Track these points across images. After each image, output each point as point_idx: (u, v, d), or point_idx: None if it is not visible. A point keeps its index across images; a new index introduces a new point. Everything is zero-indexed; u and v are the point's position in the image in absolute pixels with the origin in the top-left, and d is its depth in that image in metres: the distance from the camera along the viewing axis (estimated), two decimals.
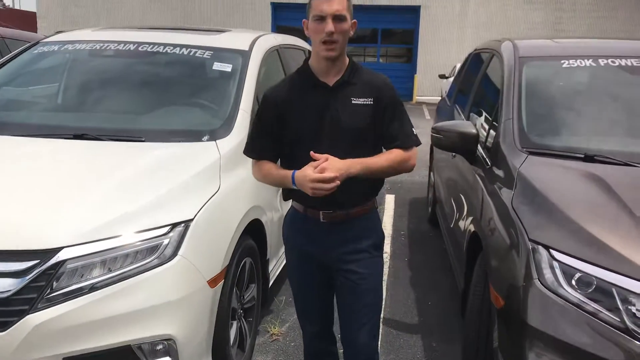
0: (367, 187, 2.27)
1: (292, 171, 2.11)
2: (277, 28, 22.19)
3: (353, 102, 2.16)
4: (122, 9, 23.26)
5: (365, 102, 2.16)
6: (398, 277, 4.46)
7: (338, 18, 2.07)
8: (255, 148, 2.29)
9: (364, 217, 2.29)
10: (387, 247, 5.05)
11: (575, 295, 2.10)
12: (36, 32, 18.28)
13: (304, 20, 2.17)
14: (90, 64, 3.75)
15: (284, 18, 22.57)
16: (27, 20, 28.58)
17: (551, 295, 2.13)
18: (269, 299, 3.75)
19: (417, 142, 2.26)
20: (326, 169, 2.01)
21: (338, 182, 2.02)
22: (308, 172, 2.03)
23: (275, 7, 22.74)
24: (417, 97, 21.59)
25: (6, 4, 42.69)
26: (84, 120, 3.28)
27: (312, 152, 2.05)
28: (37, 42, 3.90)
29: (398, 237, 5.42)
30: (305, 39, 2.23)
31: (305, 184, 2.03)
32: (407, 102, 20.10)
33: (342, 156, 2.07)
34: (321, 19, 2.06)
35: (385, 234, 5.33)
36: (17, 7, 46.87)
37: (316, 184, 2.01)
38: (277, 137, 2.22)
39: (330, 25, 2.05)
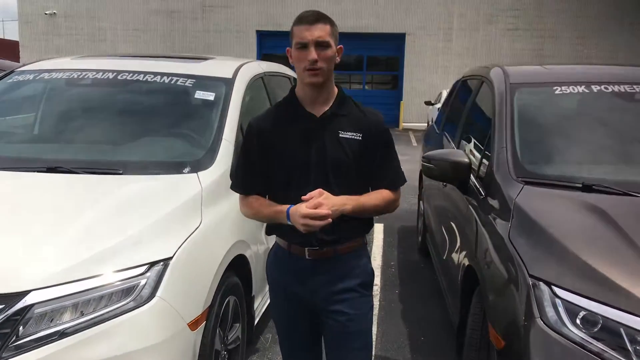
0: (358, 225, 2.15)
1: (287, 206, 1.99)
2: (263, 56, 22.25)
3: (341, 135, 2.06)
4: (106, 40, 23.23)
5: (353, 137, 2.07)
6: (389, 311, 4.30)
7: (321, 45, 1.98)
8: (243, 183, 2.16)
9: (353, 254, 2.16)
10: (377, 279, 4.90)
11: (580, 335, 1.97)
12: (19, 61, 18.14)
13: (287, 48, 2.07)
14: (66, 93, 3.61)
15: (269, 46, 22.66)
16: (10, 49, 28.46)
17: (554, 335, 2.00)
18: (255, 338, 3.58)
19: (405, 181, 2.21)
20: (321, 204, 1.92)
21: (330, 220, 1.92)
22: (301, 208, 1.93)
23: (261, 35, 22.83)
24: (403, 124, 21.67)
25: None
26: (59, 152, 3.12)
27: (303, 197, 1.95)
28: (12, 71, 3.76)
29: (388, 268, 5.28)
30: (292, 66, 2.10)
31: (297, 219, 1.93)
32: (394, 129, 20.14)
33: (330, 189, 1.98)
34: (303, 46, 1.98)
35: (375, 265, 5.26)
36: (1, 36, 46.86)
37: (307, 220, 1.91)
38: (264, 169, 2.10)
39: (312, 54, 1.96)
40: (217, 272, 2.61)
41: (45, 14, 23.52)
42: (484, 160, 3.20)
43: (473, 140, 3.78)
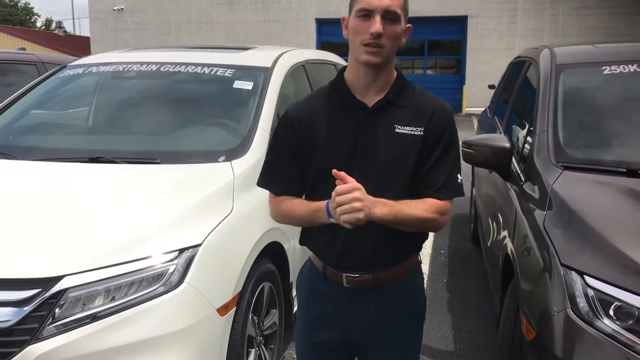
0: (408, 242, 1.75)
1: (325, 201, 1.60)
2: (322, 44, 22.24)
3: (397, 130, 1.68)
4: (170, 33, 23.85)
5: (412, 132, 1.68)
6: (435, 300, 4.23)
7: (390, 16, 1.59)
8: (274, 180, 1.80)
9: (402, 280, 1.79)
10: (425, 268, 4.84)
11: (612, 326, 1.88)
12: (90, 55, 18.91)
13: (343, 16, 1.71)
14: (112, 85, 3.75)
15: (328, 33, 22.61)
16: (82, 44, 29.79)
17: (585, 326, 1.91)
18: (294, 324, 3.60)
19: (461, 193, 1.74)
20: (356, 188, 1.50)
21: (359, 206, 1.49)
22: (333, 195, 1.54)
23: (320, 23, 22.80)
24: (466, 109, 21.15)
25: (67, 31, 44.85)
26: (101, 143, 3.25)
27: (334, 170, 1.54)
28: (64, 66, 3.93)
29: (438, 257, 5.19)
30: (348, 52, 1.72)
31: (332, 205, 1.54)
32: (457, 114, 19.73)
33: (373, 196, 1.57)
34: (367, 14, 1.59)
35: (425, 253, 5.18)
36: (77, 33, 49.14)
37: (341, 198, 1.50)
38: (300, 167, 1.75)
39: (377, 25, 1.57)
40: (249, 259, 2.64)
41: (114, 9, 24.39)
42: (526, 145, 3.09)
43: (519, 124, 3.65)
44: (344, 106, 1.71)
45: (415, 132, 1.68)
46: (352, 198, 1.50)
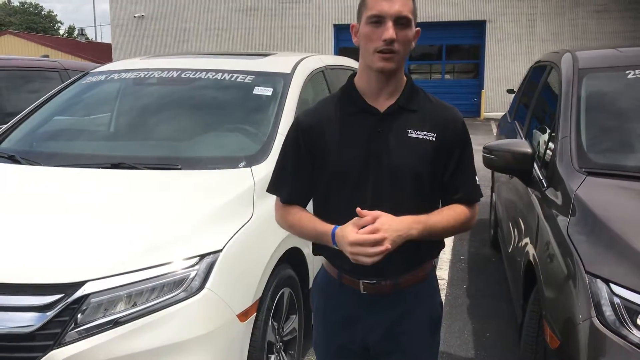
0: (425, 249, 1.76)
1: (332, 227, 1.62)
2: (340, 50, 22.27)
3: (410, 135, 1.67)
4: (190, 40, 24.05)
5: (425, 137, 1.67)
6: (455, 305, 4.20)
7: (402, 21, 1.59)
8: (281, 186, 1.79)
9: (418, 285, 1.79)
10: (444, 273, 4.81)
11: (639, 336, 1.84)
12: (112, 62, 19.14)
13: (352, 24, 1.70)
14: (133, 92, 3.78)
15: (346, 39, 22.62)
16: (104, 51, 30.18)
17: (611, 335, 1.88)
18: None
19: (481, 195, 1.80)
20: (379, 229, 1.52)
21: (389, 247, 1.52)
22: (347, 231, 1.55)
23: (338, 28, 22.84)
24: (485, 113, 21.01)
25: (90, 38, 45.58)
26: (122, 149, 3.28)
27: (358, 209, 1.56)
28: (87, 73, 3.97)
29: (457, 262, 5.15)
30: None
31: (344, 246, 1.56)
32: (475, 119, 19.60)
33: (389, 204, 1.61)
34: (378, 21, 1.59)
35: (444, 259, 5.15)
36: (99, 40, 49.87)
37: (357, 247, 1.52)
38: (309, 173, 1.75)
39: (390, 31, 1.56)
40: (269, 264, 2.64)
41: (135, 17, 24.68)
42: (548, 151, 3.05)
43: (540, 129, 3.61)
44: (355, 112, 1.71)
45: (428, 137, 1.68)
46: (378, 251, 1.52)
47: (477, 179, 1.79)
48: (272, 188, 1.83)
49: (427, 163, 1.68)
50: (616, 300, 1.93)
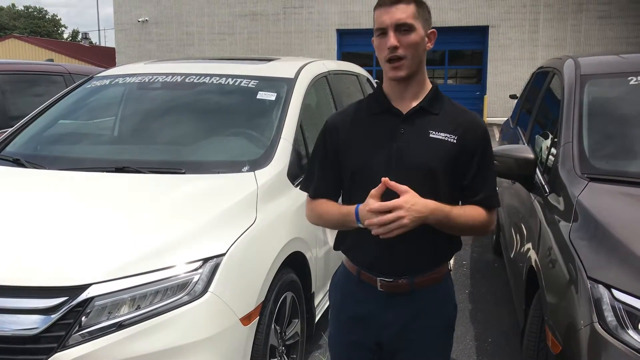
0: (444, 249, 1.84)
1: (355, 205, 1.70)
2: (343, 54, 22.31)
3: (431, 135, 1.74)
4: (193, 44, 24.11)
5: (447, 138, 1.73)
6: (457, 311, 4.18)
7: (403, 28, 1.67)
8: (313, 184, 1.90)
9: (434, 286, 1.85)
10: None
11: None
12: (115, 66, 19.20)
13: (373, 38, 1.79)
14: (138, 96, 3.80)
15: (349, 44, 22.69)
16: (108, 55, 30.29)
17: (613, 341, 1.88)
18: (317, 334, 3.61)
19: (499, 203, 1.87)
20: (401, 206, 1.58)
21: (407, 223, 1.59)
22: (369, 201, 1.63)
23: (341, 33, 22.89)
24: (487, 118, 21.01)
25: (93, 42, 45.76)
26: (127, 153, 3.29)
27: (384, 179, 1.62)
28: (91, 77, 4.00)
29: (460, 268, 5.15)
30: (368, 62, 1.87)
31: (364, 217, 1.64)
32: None
33: None
34: (383, 32, 1.70)
35: None
36: (102, 44, 50.09)
37: (376, 217, 1.59)
38: (336, 171, 1.85)
39: (391, 39, 1.66)
40: (272, 269, 2.65)
41: (138, 21, 24.76)
42: (551, 157, 3.06)
43: (542, 134, 3.62)
44: (379, 112, 1.80)
45: (449, 139, 1.74)
46: (396, 217, 1.58)
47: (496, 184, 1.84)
48: (303, 185, 1.97)
49: (447, 163, 1.73)
50: (618, 305, 1.94)
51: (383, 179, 1.62)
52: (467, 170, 1.76)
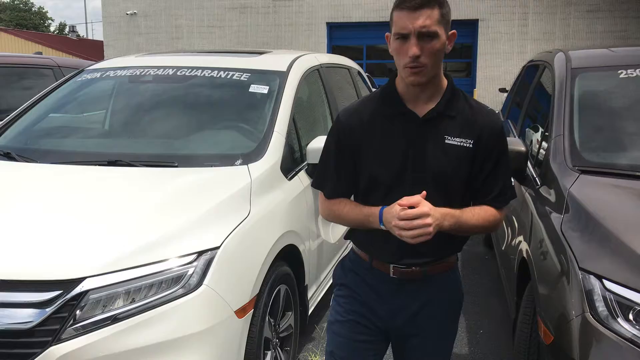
0: (454, 242, 1.85)
1: (379, 207, 1.71)
2: (333, 48, 22.27)
3: (447, 141, 1.72)
4: (182, 37, 23.96)
5: (462, 144, 1.73)
6: None
7: (426, 36, 1.61)
8: (325, 183, 1.88)
9: (444, 274, 1.88)
10: None
11: (632, 331, 1.88)
12: (103, 59, 19.05)
13: (387, 34, 1.73)
14: (129, 89, 3.78)
15: (339, 37, 22.62)
16: (96, 49, 30.04)
17: (604, 330, 1.91)
18: (310, 327, 3.62)
19: (514, 196, 1.87)
20: (427, 214, 1.58)
21: (431, 231, 1.60)
22: (396, 208, 1.62)
23: (331, 27, 22.84)
24: None
25: (81, 35, 45.34)
26: (119, 147, 3.28)
27: (423, 193, 1.63)
28: (82, 70, 3.97)
29: None
30: (358, 56, 1.76)
31: (392, 222, 1.63)
32: None
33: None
34: (403, 37, 1.63)
35: None
36: (90, 37, 49.65)
37: (405, 222, 1.58)
38: (351, 170, 1.83)
39: (414, 48, 1.60)
40: (265, 261, 2.66)
41: (127, 14, 24.51)
42: (542, 150, 3.09)
43: (533, 127, 3.65)
44: (394, 114, 1.76)
45: (465, 144, 1.73)
46: (423, 224, 1.58)
47: (512, 181, 1.84)
48: (317, 183, 1.93)
49: (462, 170, 1.74)
50: (609, 295, 1.97)
51: (399, 202, 1.62)
52: (481, 171, 1.77)
